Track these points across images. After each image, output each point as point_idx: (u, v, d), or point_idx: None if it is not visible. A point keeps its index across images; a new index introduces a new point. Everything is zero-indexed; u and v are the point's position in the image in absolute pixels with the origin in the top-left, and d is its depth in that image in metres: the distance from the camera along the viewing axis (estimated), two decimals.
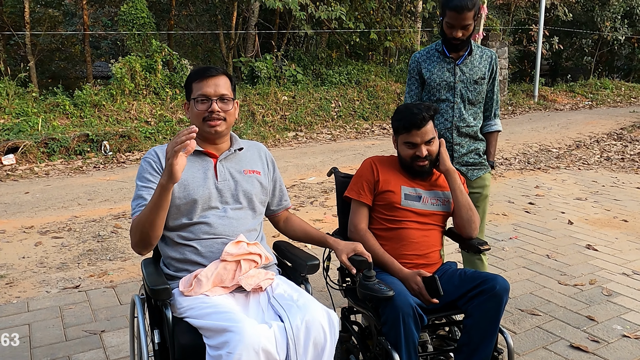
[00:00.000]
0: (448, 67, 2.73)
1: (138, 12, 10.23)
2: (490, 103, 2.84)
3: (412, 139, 2.25)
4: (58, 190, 6.31)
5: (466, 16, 2.52)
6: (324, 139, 9.96)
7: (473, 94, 2.73)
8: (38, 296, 3.41)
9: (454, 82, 2.72)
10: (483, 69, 2.74)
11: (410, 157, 2.28)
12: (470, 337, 2.06)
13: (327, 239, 2.16)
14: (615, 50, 18.77)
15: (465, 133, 2.77)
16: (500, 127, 2.91)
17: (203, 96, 1.96)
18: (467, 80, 2.72)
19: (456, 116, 2.74)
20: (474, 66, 2.73)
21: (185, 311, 1.81)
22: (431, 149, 2.27)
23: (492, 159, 2.90)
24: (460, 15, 2.52)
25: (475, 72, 2.73)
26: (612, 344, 2.80)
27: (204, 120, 1.97)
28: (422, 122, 2.22)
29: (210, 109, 1.95)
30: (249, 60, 11.61)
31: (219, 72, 2.00)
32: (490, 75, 2.77)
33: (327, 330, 1.71)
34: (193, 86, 2.00)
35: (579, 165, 7.51)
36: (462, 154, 2.78)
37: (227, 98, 1.99)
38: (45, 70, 14.06)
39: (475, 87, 2.73)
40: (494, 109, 2.86)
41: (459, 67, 2.72)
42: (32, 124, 8.42)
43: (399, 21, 12.94)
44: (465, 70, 2.72)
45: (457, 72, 2.72)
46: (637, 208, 5.36)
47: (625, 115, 12.06)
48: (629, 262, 3.92)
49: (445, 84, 2.73)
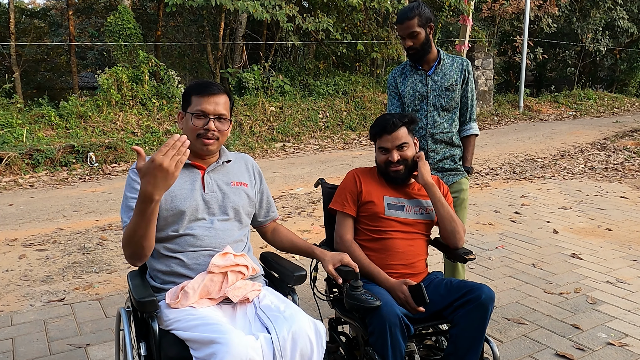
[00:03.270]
0: (420, 78, 2.82)
1: (125, 23, 10.22)
2: (466, 108, 2.90)
3: (384, 144, 2.32)
4: (43, 202, 6.25)
5: (408, 25, 2.65)
6: (312, 149, 9.99)
7: (446, 101, 2.80)
8: (22, 310, 3.37)
9: (426, 92, 2.80)
10: (455, 76, 2.81)
11: (384, 163, 2.34)
12: (457, 346, 2.07)
13: (314, 250, 2.17)
14: (597, 61, 19.11)
15: (440, 139, 2.83)
16: (477, 130, 2.96)
17: (201, 112, 1.94)
18: (439, 88, 2.79)
19: (429, 124, 2.81)
20: (444, 74, 2.80)
21: (172, 323, 1.80)
22: (404, 154, 2.31)
23: (468, 164, 2.95)
24: (402, 25, 2.67)
25: (447, 79, 2.80)
26: (597, 351, 2.82)
27: (197, 137, 1.95)
28: (392, 127, 2.28)
29: (206, 126, 1.94)
30: (236, 71, 11.63)
31: (221, 91, 1.99)
32: (463, 81, 2.84)
33: (314, 341, 1.72)
34: (192, 99, 1.98)
35: (564, 175, 7.60)
36: (437, 160, 2.84)
37: (225, 118, 1.98)
38: (30, 81, 13.99)
39: (447, 93, 2.79)
40: (469, 113, 2.92)
41: (430, 77, 2.80)
42: (17, 135, 8.35)
43: (386, 32, 13.07)
44: (437, 79, 2.80)
45: (428, 82, 2.80)
46: (620, 217, 5.43)
47: (609, 125, 12.25)
48: (613, 271, 3.97)
49: (418, 94, 2.81)
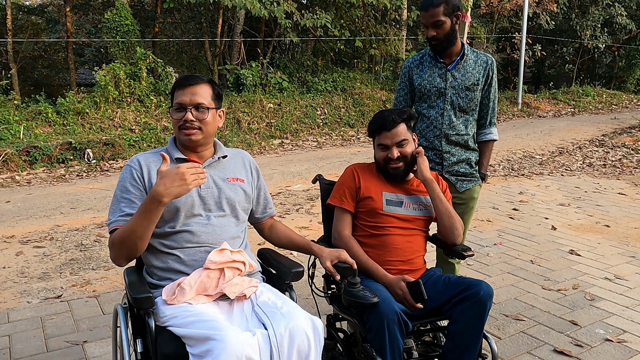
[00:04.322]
0: (439, 72, 2.63)
1: (122, 20, 10.18)
2: (486, 110, 2.71)
3: (383, 141, 2.29)
4: (40, 199, 6.23)
5: (433, 12, 2.48)
6: (310, 146, 9.97)
7: (464, 101, 2.62)
8: (19, 307, 3.36)
9: (445, 88, 2.61)
10: (477, 74, 2.62)
11: (383, 160, 2.31)
12: (455, 343, 2.06)
13: (312, 246, 2.16)
14: (596, 58, 19.11)
15: (455, 141, 2.66)
16: (496, 136, 2.77)
17: (179, 105, 1.96)
18: (459, 86, 2.60)
19: (445, 123, 2.63)
20: (466, 71, 2.61)
21: (168, 320, 1.79)
22: (404, 150, 2.28)
23: (484, 171, 2.77)
24: (427, 12, 2.50)
25: (468, 77, 2.61)
26: (595, 348, 2.82)
27: (179, 129, 1.97)
28: (391, 124, 2.25)
29: (184, 117, 1.94)
30: (234, 68, 11.60)
31: (200, 81, 1.99)
32: (486, 81, 2.65)
33: (312, 337, 1.71)
34: (174, 94, 2.00)
35: (562, 172, 7.60)
36: (452, 163, 2.68)
37: (204, 107, 1.97)
38: (27, 77, 13.94)
39: (467, 93, 2.61)
40: (490, 117, 2.72)
41: (450, 72, 2.61)
42: (14, 132, 8.32)
43: (384, 29, 13.05)
44: (457, 75, 2.61)
45: (448, 77, 2.61)
46: (618, 213, 5.43)
47: (607, 122, 12.25)
48: (611, 267, 3.97)
49: (435, 90, 2.62)
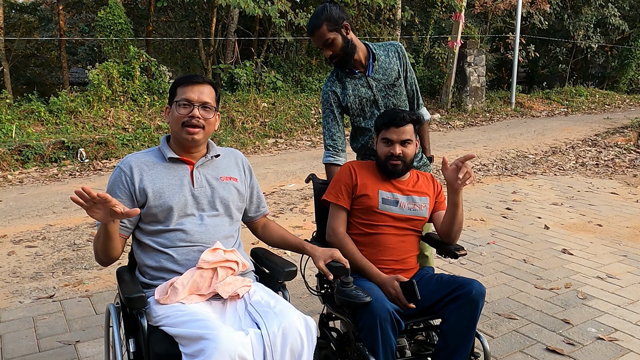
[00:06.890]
0: (361, 82, 2.56)
1: (115, 18, 10.13)
2: (412, 95, 2.69)
3: (389, 135, 2.28)
4: (32, 198, 6.20)
5: (319, 34, 2.42)
6: (304, 145, 9.96)
7: (395, 98, 2.59)
8: (11, 307, 3.34)
9: (373, 95, 2.57)
10: (394, 67, 2.58)
11: (385, 155, 2.30)
12: (447, 341, 2.07)
13: (305, 246, 2.16)
14: (589, 58, 19.20)
15: None
16: (427, 115, 2.76)
17: (186, 101, 1.95)
18: (384, 87, 2.57)
19: None
20: (385, 70, 2.57)
21: (161, 319, 1.78)
22: (406, 150, 2.28)
23: (428, 154, 2.77)
24: (314, 36, 2.45)
25: (389, 74, 2.57)
26: (587, 346, 2.84)
27: (182, 125, 1.95)
28: (401, 120, 2.25)
29: (190, 113, 1.94)
30: (228, 67, 11.58)
31: (205, 81, 2.01)
32: (403, 68, 2.61)
33: (304, 336, 1.71)
34: (177, 90, 1.99)
35: (555, 171, 7.63)
36: None
37: (210, 107, 1.98)
38: (20, 76, 13.86)
39: (395, 90, 2.59)
40: (417, 100, 2.71)
41: (370, 77, 2.56)
42: (6, 131, 8.27)
43: (378, 29, 13.05)
44: (379, 77, 2.56)
45: (371, 84, 2.56)
46: (611, 213, 5.46)
47: (600, 121, 12.30)
48: (603, 266, 3.99)
49: (365, 100, 2.57)
